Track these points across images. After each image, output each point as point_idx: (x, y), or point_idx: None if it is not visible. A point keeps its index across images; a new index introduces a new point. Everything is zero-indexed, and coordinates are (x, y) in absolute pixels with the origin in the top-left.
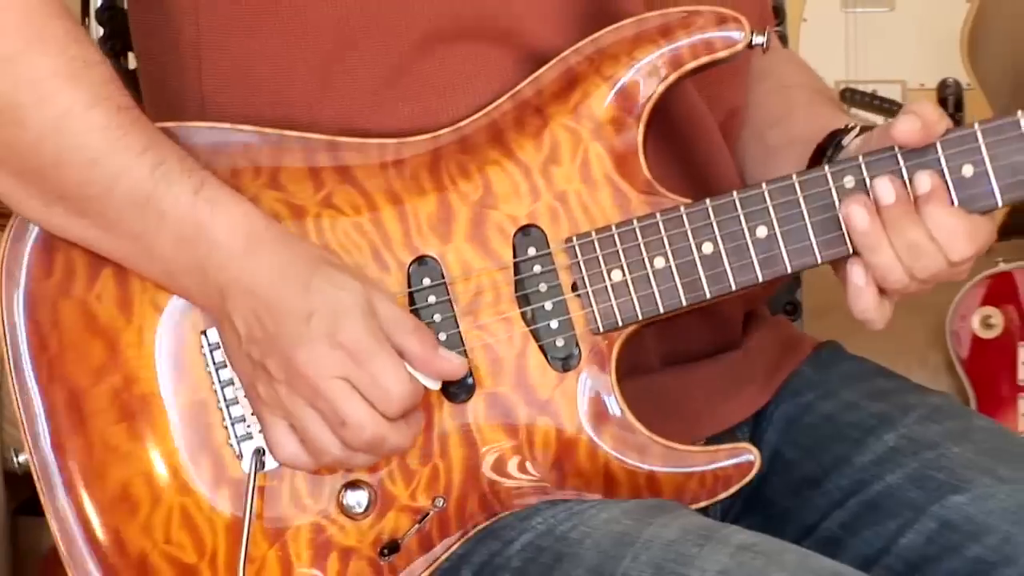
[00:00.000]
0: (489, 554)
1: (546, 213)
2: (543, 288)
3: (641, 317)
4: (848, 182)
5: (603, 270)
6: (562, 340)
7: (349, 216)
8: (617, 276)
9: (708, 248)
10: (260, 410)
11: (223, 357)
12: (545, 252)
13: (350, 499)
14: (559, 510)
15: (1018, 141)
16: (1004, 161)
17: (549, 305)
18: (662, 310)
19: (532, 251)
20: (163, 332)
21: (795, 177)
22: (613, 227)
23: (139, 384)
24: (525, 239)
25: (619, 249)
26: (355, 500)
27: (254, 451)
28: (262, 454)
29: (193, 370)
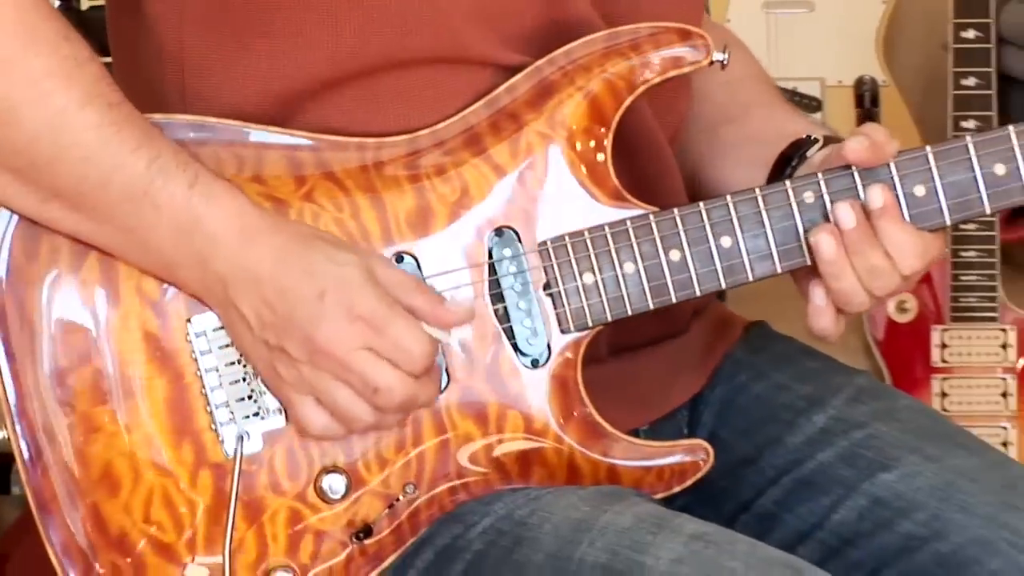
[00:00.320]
0: (452, 536)
1: (520, 216)
2: (517, 288)
3: (610, 318)
4: (808, 197)
5: (575, 272)
6: (533, 338)
7: (330, 212)
8: (588, 279)
9: (676, 255)
10: (283, 390)
11: (207, 345)
12: (519, 253)
13: (326, 484)
14: (518, 496)
15: (966, 164)
16: (953, 181)
17: (522, 304)
18: (630, 312)
19: (507, 252)
20: (148, 318)
21: (758, 191)
22: (586, 232)
23: (123, 368)
24: (500, 240)
25: (591, 253)
26: (331, 485)
27: (237, 436)
28: (244, 440)
29: (177, 356)
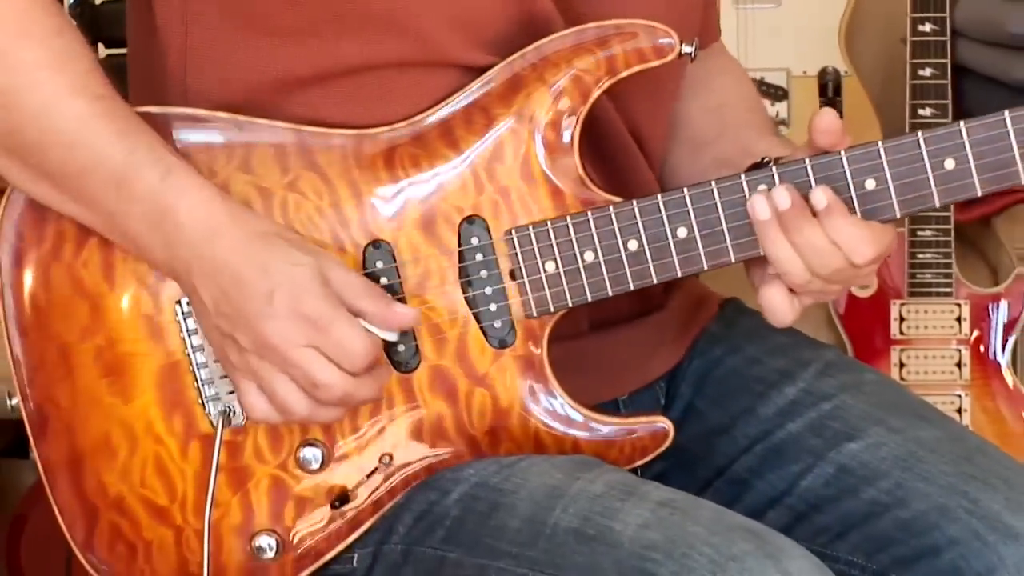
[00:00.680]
0: (428, 503)
1: (489, 206)
2: (484, 274)
3: (571, 304)
4: (762, 188)
5: (539, 261)
6: (500, 322)
7: (312, 200)
8: (551, 267)
9: (633, 245)
10: (232, 374)
11: (195, 325)
12: (487, 242)
13: (306, 455)
14: (490, 463)
15: (916, 159)
16: (903, 175)
17: (489, 290)
18: (590, 298)
19: (475, 240)
20: (143, 298)
21: (714, 183)
22: (548, 222)
23: (120, 344)
24: (469, 228)
25: (553, 243)
26: (310, 455)
27: (220, 412)
28: (229, 414)
29: (169, 335)
